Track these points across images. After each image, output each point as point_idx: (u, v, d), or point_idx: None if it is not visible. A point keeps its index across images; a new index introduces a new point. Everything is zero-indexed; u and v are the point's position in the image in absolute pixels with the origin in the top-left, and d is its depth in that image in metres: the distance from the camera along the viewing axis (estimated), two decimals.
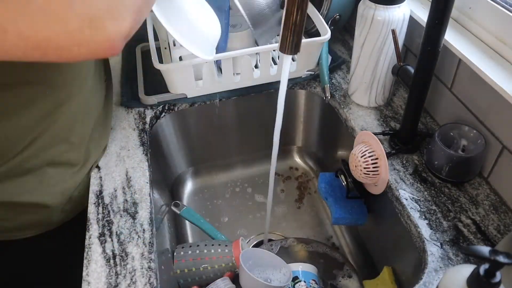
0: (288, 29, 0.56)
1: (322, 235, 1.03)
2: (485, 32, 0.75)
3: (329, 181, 0.92)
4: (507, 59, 0.71)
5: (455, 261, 0.65)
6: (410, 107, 0.79)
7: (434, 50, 0.69)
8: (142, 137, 0.88)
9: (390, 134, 0.85)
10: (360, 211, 0.87)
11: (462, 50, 0.74)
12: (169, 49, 1.00)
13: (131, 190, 0.77)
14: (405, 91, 0.97)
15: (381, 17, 0.77)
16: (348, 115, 0.92)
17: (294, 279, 0.81)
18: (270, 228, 0.94)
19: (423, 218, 0.71)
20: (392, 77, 0.87)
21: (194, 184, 1.14)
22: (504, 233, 0.68)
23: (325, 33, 0.91)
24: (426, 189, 0.76)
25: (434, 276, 0.63)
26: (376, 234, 0.93)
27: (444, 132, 0.77)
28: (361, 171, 0.76)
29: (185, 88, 0.94)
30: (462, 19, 0.80)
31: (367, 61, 0.85)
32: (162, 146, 1.02)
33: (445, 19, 0.66)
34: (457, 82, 0.79)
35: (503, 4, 0.72)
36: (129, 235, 0.70)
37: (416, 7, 0.87)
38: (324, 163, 1.15)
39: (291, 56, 0.60)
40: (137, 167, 0.82)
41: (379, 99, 0.91)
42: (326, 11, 0.98)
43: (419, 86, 0.75)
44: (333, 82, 1.01)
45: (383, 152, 0.74)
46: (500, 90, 0.66)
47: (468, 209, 0.72)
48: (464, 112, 0.78)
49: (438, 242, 0.68)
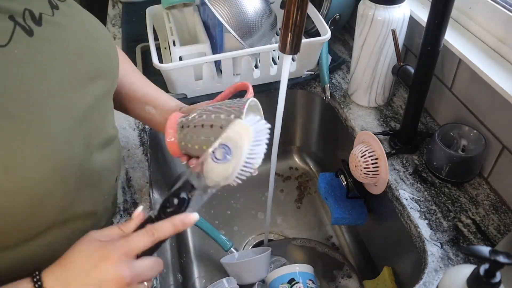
0: (288, 29, 0.56)
1: (322, 235, 1.03)
2: (485, 32, 0.75)
3: (329, 181, 0.92)
4: (507, 59, 0.71)
5: (455, 261, 0.65)
6: (410, 107, 0.79)
7: (434, 50, 0.69)
8: (142, 137, 0.88)
9: (390, 134, 0.85)
10: (360, 211, 0.87)
11: (462, 50, 0.74)
12: (169, 49, 1.00)
13: (131, 190, 0.77)
14: (405, 91, 0.97)
15: (381, 17, 0.77)
16: (348, 115, 0.92)
17: (291, 281, 0.81)
18: (270, 228, 0.94)
19: (423, 218, 0.71)
20: (392, 77, 0.87)
21: None
22: (504, 233, 0.68)
23: (325, 33, 0.91)
24: (426, 189, 0.76)
25: (434, 276, 0.63)
26: (376, 234, 0.93)
27: (444, 132, 0.77)
28: (361, 171, 0.76)
29: (185, 88, 0.94)
30: (462, 19, 0.80)
31: (367, 61, 0.85)
32: (162, 146, 1.02)
33: (445, 19, 0.66)
34: (457, 82, 0.79)
35: (503, 4, 0.71)
36: None
37: (416, 7, 0.87)
38: (324, 163, 1.15)
39: (291, 56, 0.60)
40: (137, 167, 0.82)
41: (379, 99, 0.91)
42: (326, 11, 0.98)
43: (419, 86, 0.75)
44: (333, 82, 1.01)
45: (383, 152, 0.74)
46: (500, 90, 0.66)
47: (468, 209, 0.72)
48: (464, 112, 0.78)
49: (438, 242, 0.68)
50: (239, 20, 0.88)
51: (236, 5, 0.88)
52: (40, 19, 0.47)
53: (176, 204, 0.48)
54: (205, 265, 0.99)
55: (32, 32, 0.46)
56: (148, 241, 0.46)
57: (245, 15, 0.88)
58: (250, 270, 0.83)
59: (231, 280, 0.79)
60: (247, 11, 0.88)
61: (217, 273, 0.95)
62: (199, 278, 0.97)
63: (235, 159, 0.47)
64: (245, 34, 0.89)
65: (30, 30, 0.45)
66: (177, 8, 1.03)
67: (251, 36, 0.90)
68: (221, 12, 0.87)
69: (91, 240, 0.46)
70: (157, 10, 1.04)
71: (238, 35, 0.87)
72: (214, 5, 0.87)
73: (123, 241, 0.46)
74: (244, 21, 0.88)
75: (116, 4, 1.33)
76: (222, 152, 0.47)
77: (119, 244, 0.45)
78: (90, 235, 0.47)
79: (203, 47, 0.93)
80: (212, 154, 0.48)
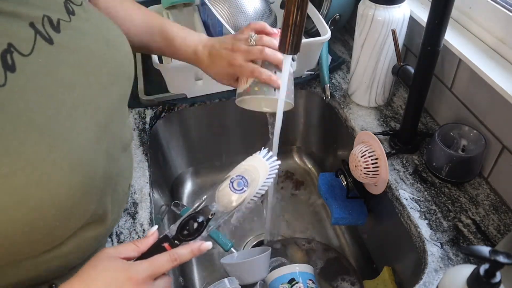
0: (288, 29, 0.56)
1: (322, 235, 1.03)
2: (485, 32, 0.75)
3: (329, 181, 0.92)
4: (507, 59, 0.71)
5: (455, 261, 0.65)
6: (410, 107, 0.79)
7: (434, 50, 0.69)
8: (142, 137, 0.88)
9: (390, 134, 0.85)
10: (360, 211, 0.87)
11: (462, 50, 0.74)
12: None
13: (131, 190, 0.77)
14: (405, 91, 0.97)
15: (381, 17, 0.77)
16: (348, 115, 0.92)
17: (291, 281, 0.81)
18: (270, 229, 0.94)
19: (423, 218, 0.71)
20: (392, 77, 0.87)
21: (194, 184, 1.14)
22: (504, 233, 0.68)
23: (325, 33, 0.91)
24: (426, 189, 0.76)
25: (434, 276, 0.63)
26: (376, 234, 0.92)
27: (444, 132, 0.77)
28: (361, 171, 0.76)
29: (185, 88, 0.94)
30: (462, 19, 0.80)
31: (367, 61, 0.85)
32: (162, 146, 1.02)
33: (445, 19, 0.66)
34: (457, 82, 0.79)
35: (503, 4, 0.71)
36: (129, 235, 0.70)
37: (416, 7, 0.87)
38: (324, 163, 1.15)
39: (291, 56, 0.60)
40: (137, 167, 0.82)
41: (379, 99, 0.91)
42: (326, 11, 0.98)
43: (419, 86, 0.75)
44: (333, 82, 1.01)
45: (383, 152, 0.74)
46: (500, 90, 0.66)
47: (468, 209, 0.72)
48: (464, 112, 0.78)
49: (438, 242, 0.68)
50: (239, 20, 0.88)
51: (236, 5, 0.88)
52: (58, 25, 0.46)
53: (194, 228, 0.53)
54: (205, 265, 0.99)
55: (52, 40, 0.44)
56: (170, 266, 0.49)
57: (245, 14, 0.88)
58: (250, 270, 0.83)
59: (232, 280, 0.79)
60: (247, 10, 0.88)
61: (217, 273, 0.95)
62: (199, 279, 0.97)
63: (250, 190, 0.53)
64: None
65: (50, 38, 0.44)
66: (177, 8, 1.03)
67: None
68: (221, 12, 0.87)
69: (111, 258, 0.47)
70: (157, 10, 1.04)
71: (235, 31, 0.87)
72: (214, 5, 0.87)
73: (147, 265, 0.47)
74: (244, 21, 0.88)
75: None
76: (239, 183, 0.54)
77: (143, 267, 0.47)
78: (107, 253, 0.48)
79: None
80: (231, 183, 0.54)
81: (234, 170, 0.55)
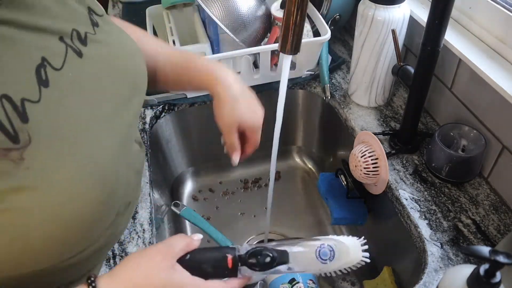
0: (288, 29, 0.56)
1: (322, 235, 1.03)
2: (485, 32, 0.75)
3: (329, 181, 0.92)
4: (507, 59, 0.71)
5: (455, 261, 0.65)
6: (410, 107, 0.79)
7: (434, 50, 0.69)
8: (142, 137, 0.88)
9: (390, 134, 0.85)
10: (360, 211, 0.87)
11: (462, 50, 0.74)
12: None
13: None
14: (405, 91, 0.97)
15: (381, 17, 0.77)
16: (348, 115, 0.92)
17: (292, 281, 0.81)
18: (270, 228, 0.94)
19: (423, 218, 0.71)
20: (392, 77, 0.87)
21: (194, 184, 1.14)
22: (504, 233, 0.68)
23: (325, 33, 0.91)
24: (426, 189, 0.76)
25: (434, 276, 0.63)
26: (376, 234, 0.92)
27: (444, 132, 0.77)
28: (361, 171, 0.76)
29: None
30: (462, 19, 0.80)
31: (367, 61, 0.85)
32: (162, 146, 1.02)
33: (445, 19, 0.66)
34: (457, 82, 0.79)
35: (503, 4, 0.71)
36: (129, 235, 0.70)
37: (416, 7, 0.87)
38: (324, 163, 1.15)
39: (291, 56, 0.60)
40: None
41: (379, 99, 0.91)
42: (326, 11, 0.98)
43: (419, 86, 0.75)
44: (333, 82, 1.01)
45: (383, 152, 0.74)
46: (500, 90, 0.66)
47: (468, 209, 0.72)
48: (464, 112, 0.78)
49: (438, 242, 0.68)
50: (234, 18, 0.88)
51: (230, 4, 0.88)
52: (85, 39, 0.46)
53: (264, 262, 0.49)
54: None
55: (81, 54, 0.45)
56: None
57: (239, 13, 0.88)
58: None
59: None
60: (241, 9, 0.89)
61: None
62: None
63: (330, 265, 0.50)
64: (237, 28, 0.89)
65: (79, 52, 0.45)
66: (177, 8, 1.03)
67: (245, 30, 0.90)
68: (214, 11, 0.87)
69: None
70: (157, 10, 1.04)
71: (230, 30, 0.87)
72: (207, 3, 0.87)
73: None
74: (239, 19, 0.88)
75: (116, 4, 1.33)
76: (326, 252, 0.50)
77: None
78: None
79: (203, 47, 0.93)
80: (318, 249, 0.50)
81: (328, 239, 0.52)
